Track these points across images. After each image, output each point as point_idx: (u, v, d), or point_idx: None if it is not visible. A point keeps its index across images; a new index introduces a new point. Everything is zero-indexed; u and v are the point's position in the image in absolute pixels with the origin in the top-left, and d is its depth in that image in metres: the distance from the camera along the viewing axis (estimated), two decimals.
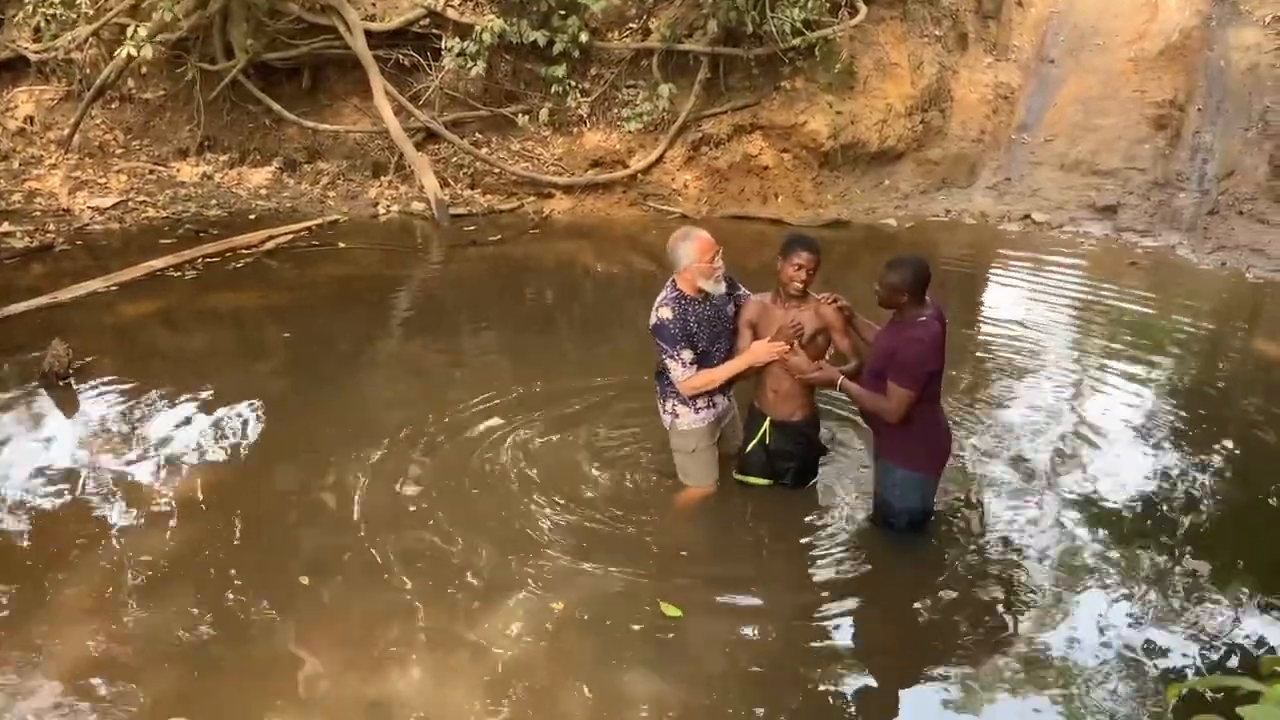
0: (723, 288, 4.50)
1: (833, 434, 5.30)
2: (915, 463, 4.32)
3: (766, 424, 4.62)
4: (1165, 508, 4.93)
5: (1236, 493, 5.13)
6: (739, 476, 4.80)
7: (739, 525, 4.72)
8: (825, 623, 4.13)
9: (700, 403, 4.63)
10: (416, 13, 10.72)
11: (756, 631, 4.03)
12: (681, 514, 4.83)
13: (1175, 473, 5.24)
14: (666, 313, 4.40)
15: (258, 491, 4.99)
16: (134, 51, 9.60)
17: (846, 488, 4.98)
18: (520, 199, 10.63)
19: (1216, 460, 5.38)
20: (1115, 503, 4.94)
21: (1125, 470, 5.23)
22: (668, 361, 4.48)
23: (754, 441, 4.68)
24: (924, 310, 4.06)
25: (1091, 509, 4.86)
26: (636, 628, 3.99)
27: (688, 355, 4.43)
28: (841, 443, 5.31)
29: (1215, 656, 3.89)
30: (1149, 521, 4.80)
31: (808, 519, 4.75)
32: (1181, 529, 4.76)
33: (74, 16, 11.18)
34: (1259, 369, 7.00)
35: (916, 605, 4.20)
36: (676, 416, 4.68)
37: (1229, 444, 5.54)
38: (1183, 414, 5.91)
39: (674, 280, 4.49)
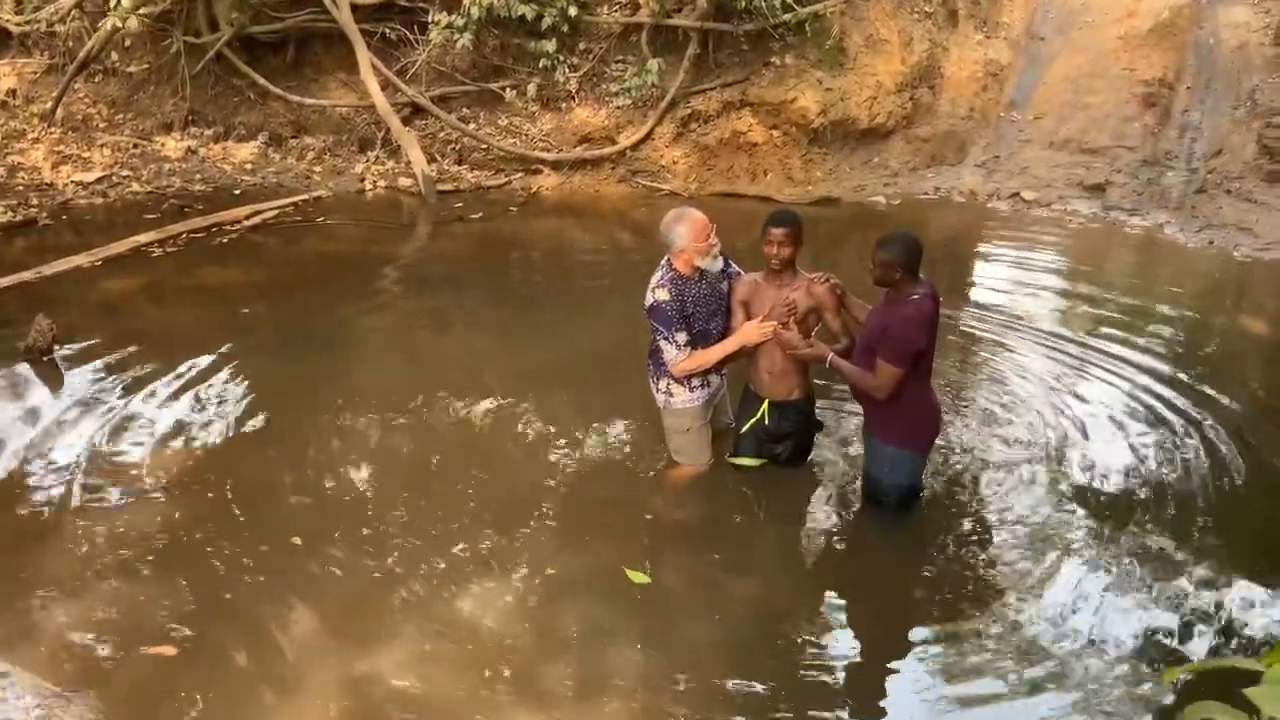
0: (720, 264, 4.48)
1: (827, 419, 5.30)
2: (904, 440, 4.32)
3: (765, 406, 4.59)
4: (1155, 486, 4.94)
5: (1226, 471, 5.14)
6: (732, 460, 4.79)
7: (731, 502, 4.71)
8: (813, 599, 4.16)
9: (695, 381, 4.61)
10: None
11: (745, 606, 4.05)
12: (674, 491, 4.83)
13: (1165, 451, 5.25)
14: (663, 294, 4.37)
15: (243, 466, 4.96)
16: (118, 23, 9.49)
17: (838, 466, 4.99)
18: (508, 175, 10.56)
19: (1206, 438, 5.39)
20: (1106, 481, 4.96)
21: (1115, 449, 5.25)
22: (662, 343, 4.46)
23: (750, 424, 4.65)
24: (918, 288, 4.05)
25: (1082, 488, 4.89)
26: (624, 602, 4.00)
27: (682, 338, 4.41)
28: (832, 422, 5.30)
29: (1209, 636, 3.90)
30: (1139, 500, 4.82)
31: (799, 497, 4.76)
32: (1172, 507, 4.78)
33: None
34: (1246, 347, 7.03)
35: (905, 583, 4.22)
36: (671, 396, 4.66)
37: (1218, 422, 5.55)
38: (1171, 393, 5.93)
39: (669, 260, 4.45)
